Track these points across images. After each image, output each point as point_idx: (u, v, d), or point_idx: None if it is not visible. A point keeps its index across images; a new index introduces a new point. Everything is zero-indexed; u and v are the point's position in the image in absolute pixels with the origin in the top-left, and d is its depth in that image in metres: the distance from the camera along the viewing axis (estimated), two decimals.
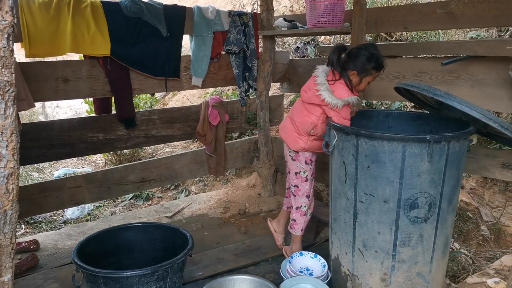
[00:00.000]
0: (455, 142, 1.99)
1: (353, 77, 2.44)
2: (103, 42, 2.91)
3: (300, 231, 2.75)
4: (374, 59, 2.38)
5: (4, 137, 1.05)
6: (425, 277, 2.14)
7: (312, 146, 2.64)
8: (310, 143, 2.63)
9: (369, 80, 2.46)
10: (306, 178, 2.68)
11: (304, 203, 2.70)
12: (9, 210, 1.12)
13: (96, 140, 3.12)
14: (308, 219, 2.77)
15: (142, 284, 2.06)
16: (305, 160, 2.66)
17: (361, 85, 2.48)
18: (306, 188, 2.69)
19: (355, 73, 2.42)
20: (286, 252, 2.87)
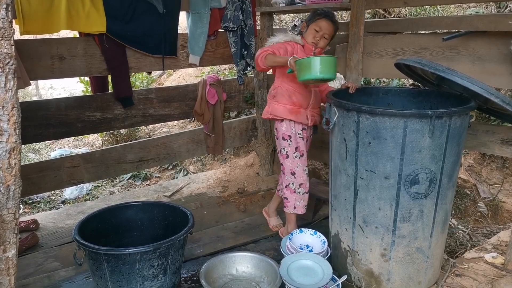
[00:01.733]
0: (457, 118, 1.99)
1: (303, 27, 2.64)
2: (99, 19, 2.85)
3: (292, 209, 2.71)
4: (317, 10, 2.59)
5: (5, 110, 1.03)
6: (425, 252, 2.17)
7: (275, 110, 2.63)
8: (272, 107, 2.65)
9: (314, 27, 2.53)
10: (286, 155, 2.67)
11: (291, 181, 2.68)
12: (12, 185, 1.11)
13: (93, 119, 3.09)
14: (302, 197, 2.71)
15: (144, 261, 2.07)
16: (282, 136, 2.66)
17: (308, 32, 2.56)
18: (289, 165, 2.67)
19: (304, 23, 2.64)
20: (281, 233, 2.86)
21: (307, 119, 2.62)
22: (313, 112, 2.66)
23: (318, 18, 2.53)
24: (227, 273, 2.37)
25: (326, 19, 2.52)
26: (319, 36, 2.52)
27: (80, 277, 2.42)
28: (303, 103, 2.60)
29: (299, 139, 2.65)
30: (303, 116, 2.61)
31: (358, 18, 3.03)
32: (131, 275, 2.08)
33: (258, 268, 2.37)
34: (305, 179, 2.70)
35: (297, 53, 2.53)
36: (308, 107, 2.62)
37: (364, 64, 3.11)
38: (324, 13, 2.54)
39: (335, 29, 2.58)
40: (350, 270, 2.30)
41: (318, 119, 2.71)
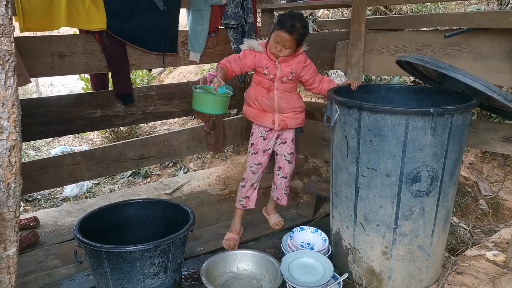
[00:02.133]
0: (459, 115, 1.98)
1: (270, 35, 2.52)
2: (99, 16, 2.84)
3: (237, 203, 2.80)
4: (279, 17, 2.47)
5: (5, 108, 1.03)
6: (426, 250, 2.16)
7: (245, 111, 2.72)
8: (244, 108, 2.72)
9: (273, 38, 2.44)
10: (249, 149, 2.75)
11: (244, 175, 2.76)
12: (12, 183, 1.10)
13: (93, 117, 3.08)
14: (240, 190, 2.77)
15: (145, 259, 2.06)
16: (252, 131, 2.73)
17: (270, 42, 2.48)
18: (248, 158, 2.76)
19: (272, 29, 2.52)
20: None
21: (273, 123, 2.61)
22: (283, 117, 2.62)
23: (276, 29, 2.40)
24: (228, 271, 2.37)
25: (283, 31, 2.37)
26: (280, 47, 2.42)
27: (81, 275, 2.42)
28: (266, 108, 2.60)
29: (259, 138, 2.68)
30: (268, 120, 2.61)
31: (359, 15, 3.02)
32: (132, 273, 2.08)
33: (259, 266, 2.37)
34: (248, 174, 2.73)
35: (261, 61, 2.51)
36: (274, 111, 2.60)
37: (365, 61, 3.10)
38: (282, 24, 2.38)
39: (298, 38, 2.41)
40: (351, 268, 2.30)
41: (293, 122, 2.66)
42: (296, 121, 2.68)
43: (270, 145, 2.70)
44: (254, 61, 2.52)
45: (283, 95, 2.58)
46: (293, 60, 2.53)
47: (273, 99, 2.57)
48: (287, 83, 2.56)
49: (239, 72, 2.55)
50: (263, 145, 2.68)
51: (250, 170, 2.72)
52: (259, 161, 2.70)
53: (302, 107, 2.70)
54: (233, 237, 2.73)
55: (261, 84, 2.57)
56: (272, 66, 2.51)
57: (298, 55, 2.54)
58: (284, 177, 2.81)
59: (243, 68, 2.54)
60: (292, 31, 2.37)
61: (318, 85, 2.64)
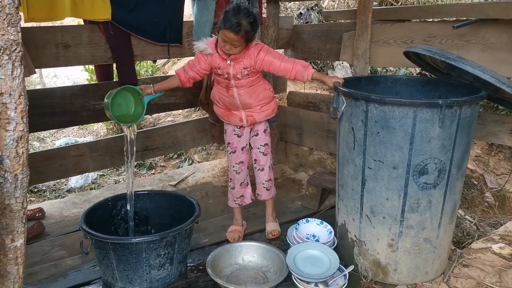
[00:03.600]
0: (467, 107, 1.96)
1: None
2: (103, 6, 2.82)
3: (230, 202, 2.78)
4: (228, 12, 2.25)
5: (12, 99, 1.02)
6: (432, 243, 2.15)
7: (215, 110, 2.67)
8: (213, 107, 2.67)
9: (221, 37, 2.26)
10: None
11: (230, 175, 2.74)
12: (19, 174, 1.10)
13: (98, 108, 3.07)
14: (231, 192, 2.74)
15: (151, 250, 2.07)
16: (225, 130, 2.69)
17: (219, 41, 2.32)
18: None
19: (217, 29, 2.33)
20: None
21: (240, 120, 2.55)
22: (249, 112, 2.53)
23: (222, 28, 2.23)
24: (233, 262, 2.37)
25: (228, 30, 2.20)
26: (228, 46, 2.26)
27: (87, 266, 2.43)
28: (230, 106, 2.53)
29: (233, 136, 2.63)
30: (235, 118, 2.55)
31: (366, 5, 2.99)
32: (137, 264, 2.08)
33: (264, 257, 2.37)
34: (233, 175, 2.69)
35: (214, 61, 2.39)
36: (239, 108, 2.52)
37: (372, 52, 3.08)
38: (227, 23, 2.20)
39: (246, 36, 2.24)
40: (356, 260, 2.29)
41: (260, 116, 2.56)
42: (265, 113, 2.57)
43: (246, 141, 2.65)
44: (207, 63, 2.41)
45: (244, 91, 2.46)
46: (244, 56, 2.36)
47: (234, 97, 2.47)
48: (244, 79, 2.42)
49: (198, 77, 2.46)
50: (239, 143, 2.63)
51: (233, 170, 2.68)
52: (240, 159, 2.65)
53: (269, 98, 2.57)
54: (237, 229, 2.73)
55: (220, 83, 2.49)
56: (224, 65, 2.38)
57: (250, 49, 2.37)
58: (261, 170, 2.71)
59: (200, 72, 2.44)
60: (238, 30, 2.19)
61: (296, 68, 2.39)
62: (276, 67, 2.41)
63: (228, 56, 2.33)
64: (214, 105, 2.65)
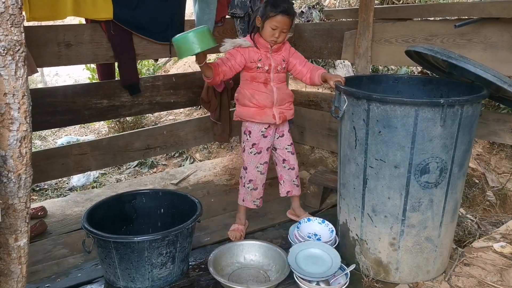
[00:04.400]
0: (469, 106, 1.96)
1: (258, 22, 2.44)
2: (105, 5, 2.82)
3: (241, 201, 2.74)
4: (270, 1, 2.37)
5: (15, 99, 1.02)
6: (434, 242, 2.16)
7: (240, 113, 2.60)
8: (237, 110, 2.62)
9: (270, 25, 2.35)
10: (243, 148, 2.66)
11: (243, 174, 2.70)
12: (23, 174, 1.10)
13: (100, 107, 3.08)
14: (250, 193, 2.70)
15: (153, 249, 2.07)
16: (245, 130, 2.64)
17: (265, 31, 2.39)
18: (244, 159, 2.67)
19: (258, 18, 2.42)
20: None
21: (274, 118, 2.54)
22: (281, 109, 2.57)
23: (272, 16, 2.32)
24: (235, 261, 2.38)
25: (281, 15, 2.31)
26: (278, 33, 2.36)
27: (89, 264, 2.43)
28: (266, 102, 2.52)
29: (260, 137, 2.61)
30: (269, 115, 2.54)
31: (368, 4, 2.99)
32: (139, 263, 2.09)
33: (266, 256, 2.38)
34: (255, 176, 2.67)
35: (252, 55, 2.44)
36: (273, 105, 2.54)
37: (373, 51, 3.08)
38: (279, 8, 2.31)
39: (293, 18, 2.42)
40: (358, 259, 2.30)
41: (290, 113, 2.62)
42: (291, 111, 2.65)
43: (271, 141, 2.67)
44: (244, 58, 2.43)
45: (279, 86, 2.54)
46: (283, 47, 2.51)
47: (272, 92, 2.51)
48: (281, 72, 2.52)
49: (229, 73, 2.44)
50: (265, 143, 2.63)
51: (257, 171, 2.66)
52: (265, 160, 2.67)
53: (293, 97, 2.67)
54: (239, 228, 2.73)
55: (256, 79, 2.49)
56: (265, 58, 2.44)
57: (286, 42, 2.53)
58: (291, 169, 2.78)
59: (234, 67, 2.43)
60: (290, 13, 2.35)
61: (310, 74, 2.55)
62: (303, 66, 2.56)
63: (272, 46, 2.42)
64: (241, 106, 2.58)
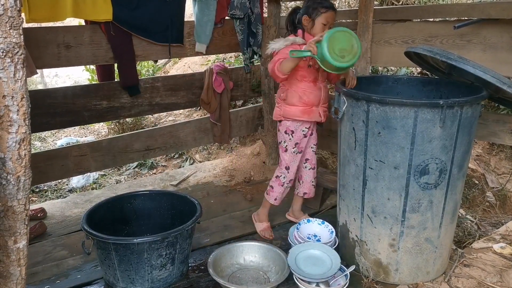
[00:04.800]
0: (468, 107, 1.96)
1: (306, 21, 2.46)
2: (105, 6, 2.82)
3: (273, 200, 2.74)
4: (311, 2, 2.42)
5: (14, 101, 1.02)
6: (434, 242, 2.16)
7: (287, 112, 2.58)
8: (283, 109, 2.59)
9: (323, 21, 2.41)
10: (285, 148, 2.66)
11: (284, 174, 2.70)
12: (22, 176, 1.10)
13: (100, 108, 3.08)
14: (286, 192, 2.75)
15: (153, 250, 2.07)
16: (285, 129, 2.63)
17: (316, 27, 2.43)
18: (286, 158, 2.67)
19: (306, 17, 2.45)
20: (254, 217, 2.90)
21: (320, 116, 2.59)
22: (324, 108, 2.63)
23: (324, 12, 2.40)
24: (234, 262, 2.38)
25: (331, 10, 2.41)
26: (327, 28, 2.42)
27: (88, 266, 2.44)
28: (314, 101, 2.55)
29: (302, 136, 2.63)
30: (316, 114, 2.58)
31: (367, 5, 2.99)
32: (139, 264, 2.09)
33: (265, 257, 2.38)
34: (294, 175, 2.72)
35: None
36: (319, 104, 2.58)
37: (373, 52, 3.08)
38: (327, 5, 2.41)
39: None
40: (358, 260, 2.30)
41: (327, 112, 2.67)
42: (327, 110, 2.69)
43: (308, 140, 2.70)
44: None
45: (324, 84, 2.59)
46: None
47: (320, 90, 2.55)
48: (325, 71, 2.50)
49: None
50: (304, 142, 2.67)
51: (296, 170, 2.71)
52: (305, 157, 2.74)
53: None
54: (268, 226, 2.79)
55: (306, 78, 2.49)
56: None
57: None
58: (312, 169, 2.79)
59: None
60: (334, 8, 2.44)
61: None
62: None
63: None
64: (288, 106, 2.56)
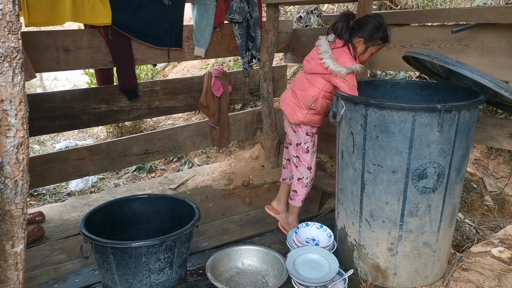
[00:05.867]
0: (466, 112, 1.96)
1: (359, 44, 2.42)
2: (104, 10, 2.82)
3: (300, 202, 2.75)
4: (382, 29, 2.37)
5: (12, 105, 1.02)
6: (432, 246, 2.16)
7: (311, 120, 2.60)
8: (309, 117, 2.59)
9: (373, 51, 2.44)
10: (307, 149, 2.67)
11: (306, 175, 2.69)
12: (20, 180, 1.10)
13: (98, 112, 3.08)
14: (308, 191, 2.77)
15: (151, 255, 2.07)
16: (306, 132, 2.65)
17: (365, 55, 2.46)
18: (307, 159, 2.68)
19: (361, 40, 2.40)
20: (282, 226, 2.86)
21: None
22: None
23: (382, 45, 2.44)
24: (233, 266, 2.37)
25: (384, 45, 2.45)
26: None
27: (87, 270, 2.43)
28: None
29: (316, 136, 2.71)
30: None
31: (365, 9, 2.99)
32: (137, 268, 2.08)
33: (264, 261, 2.37)
34: (313, 174, 2.74)
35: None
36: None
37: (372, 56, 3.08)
38: (387, 39, 2.42)
39: None
40: (356, 264, 2.30)
41: None
42: None
43: None
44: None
45: None
46: None
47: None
48: None
49: None
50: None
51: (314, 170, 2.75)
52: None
53: None
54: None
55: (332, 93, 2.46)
56: None
57: None
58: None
59: None
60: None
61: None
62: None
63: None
64: (317, 115, 2.60)
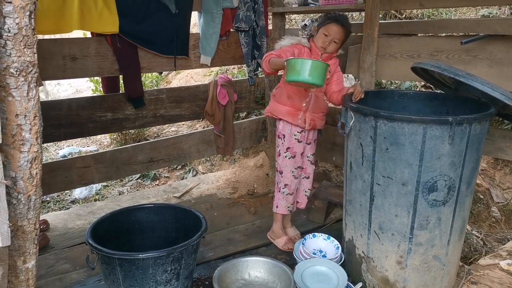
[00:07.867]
0: (477, 124, 1.95)
1: (314, 30, 2.56)
2: (111, 19, 2.82)
3: (275, 207, 2.74)
4: (329, 13, 2.51)
5: (27, 120, 1.01)
6: (442, 260, 2.13)
7: (273, 109, 2.64)
8: (272, 105, 2.65)
9: (324, 31, 2.45)
10: (278, 153, 2.68)
11: (278, 179, 2.70)
12: (33, 196, 1.09)
13: (104, 120, 3.07)
14: (285, 198, 2.70)
15: (158, 266, 2.04)
16: (278, 134, 2.66)
17: (318, 36, 2.49)
18: (278, 162, 2.69)
19: (316, 27, 2.55)
20: (269, 235, 2.85)
21: (304, 122, 2.57)
22: (313, 116, 2.59)
23: (328, 22, 2.45)
24: (239, 277, 2.35)
25: (336, 23, 2.43)
26: (328, 40, 2.44)
27: (92, 280, 2.41)
28: (300, 106, 2.56)
29: (294, 140, 2.62)
30: (300, 119, 2.57)
31: (372, 19, 2.99)
32: (144, 280, 2.06)
33: (271, 273, 2.35)
34: (290, 180, 2.67)
35: (303, 55, 2.49)
36: (307, 110, 2.57)
37: (378, 66, 3.08)
38: (334, 17, 2.45)
39: (346, 34, 2.48)
40: (364, 277, 2.27)
41: (320, 123, 2.66)
42: (323, 122, 2.69)
43: (303, 147, 2.67)
44: (294, 55, 2.46)
45: (319, 94, 2.58)
46: (332, 60, 2.55)
47: (310, 98, 2.55)
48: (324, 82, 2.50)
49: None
50: (300, 148, 2.64)
51: (292, 175, 2.66)
52: (299, 164, 2.68)
53: (328, 109, 2.71)
54: (288, 238, 2.77)
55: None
56: None
57: (335, 56, 2.59)
58: (306, 178, 2.78)
59: None
60: (346, 26, 2.45)
61: (339, 93, 2.52)
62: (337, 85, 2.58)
63: (323, 52, 2.48)
64: (275, 103, 2.64)
